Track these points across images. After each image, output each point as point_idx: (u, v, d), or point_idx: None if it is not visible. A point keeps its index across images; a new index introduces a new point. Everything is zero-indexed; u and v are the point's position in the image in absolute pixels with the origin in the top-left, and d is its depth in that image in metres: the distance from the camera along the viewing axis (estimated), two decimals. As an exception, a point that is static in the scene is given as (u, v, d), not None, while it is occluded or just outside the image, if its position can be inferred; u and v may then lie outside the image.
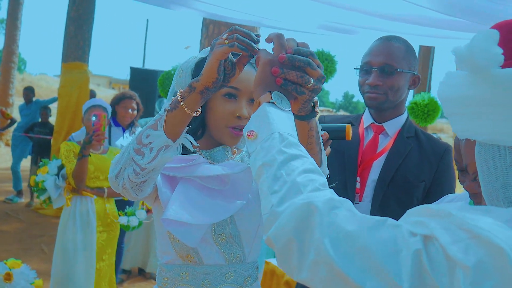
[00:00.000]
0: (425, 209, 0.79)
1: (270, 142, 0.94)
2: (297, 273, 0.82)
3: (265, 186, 0.90)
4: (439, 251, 0.71)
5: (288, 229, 0.81)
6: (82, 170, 3.41)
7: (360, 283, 0.74)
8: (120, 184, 1.24)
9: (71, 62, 7.93)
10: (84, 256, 3.46)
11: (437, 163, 1.94)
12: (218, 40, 1.14)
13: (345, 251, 0.76)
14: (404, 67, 1.91)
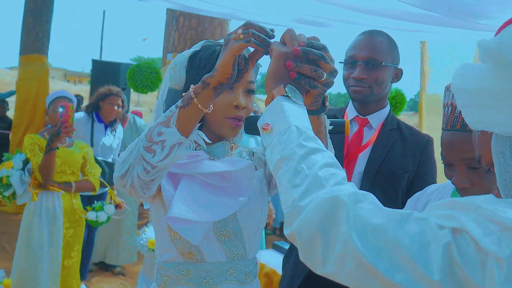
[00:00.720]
0: (452, 202, 0.80)
1: (288, 136, 0.94)
2: (321, 267, 0.83)
3: (284, 180, 0.90)
4: (469, 243, 0.72)
5: (313, 223, 0.82)
6: (49, 163, 3.29)
7: (389, 276, 0.74)
8: (129, 183, 1.21)
9: (30, 54, 7.67)
10: (49, 253, 3.36)
11: (420, 155, 1.99)
12: (233, 35, 1.11)
13: (373, 245, 0.76)
14: (388, 61, 1.95)
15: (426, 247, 0.74)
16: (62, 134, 3.22)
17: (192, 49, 1.44)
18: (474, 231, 0.72)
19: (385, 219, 0.78)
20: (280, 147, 0.93)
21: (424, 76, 5.30)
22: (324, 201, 0.82)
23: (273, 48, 1.07)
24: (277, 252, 3.37)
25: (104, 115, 4.44)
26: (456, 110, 1.24)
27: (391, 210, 0.81)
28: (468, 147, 1.20)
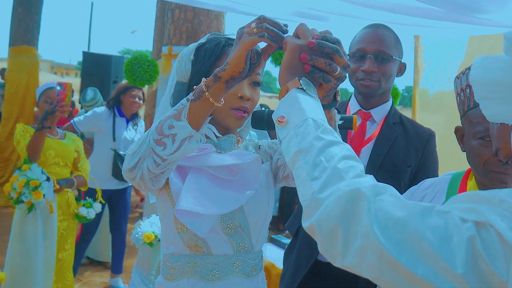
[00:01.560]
0: (474, 195, 0.80)
1: (305, 128, 0.93)
2: (341, 259, 0.82)
3: (303, 173, 0.90)
4: (493, 237, 0.72)
5: (334, 215, 0.81)
6: (39, 141, 3.19)
7: (412, 269, 0.74)
8: (138, 175, 1.21)
9: (20, 45, 7.58)
10: (44, 246, 3.32)
11: (422, 148, 1.99)
12: (246, 28, 1.10)
13: (395, 238, 0.76)
14: (396, 54, 1.96)
15: (449, 240, 0.74)
16: (57, 113, 3.11)
17: (198, 42, 1.44)
18: (499, 225, 0.72)
19: (407, 212, 0.78)
20: (297, 140, 0.93)
21: (417, 70, 5.31)
22: (345, 194, 0.81)
23: (287, 41, 1.07)
24: (275, 245, 3.38)
25: (126, 109, 4.41)
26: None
27: (413, 202, 0.81)
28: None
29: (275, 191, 1.51)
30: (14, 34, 7.62)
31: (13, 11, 7.70)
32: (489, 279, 0.71)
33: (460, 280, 0.71)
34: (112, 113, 4.42)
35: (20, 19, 7.60)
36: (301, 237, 2.04)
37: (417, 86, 5.43)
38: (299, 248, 2.03)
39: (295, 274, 2.00)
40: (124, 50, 46.93)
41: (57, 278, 3.41)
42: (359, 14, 2.93)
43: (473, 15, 2.69)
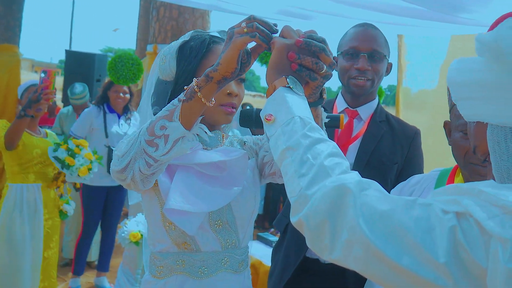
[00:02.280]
0: (455, 188, 0.83)
1: (292, 126, 0.96)
2: (328, 253, 0.85)
3: (290, 170, 0.92)
4: (473, 226, 0.75)
5: (321, 210, 0.84)
6: (18, 128, 3.14)
7: (397, 260, 0.77)
8: (129, 176, 1.20)
9: (0, 44, 7.46)
10: (31, 245, 3.33)
11: (408, 146, 2.02)
12: (236, 28, 1.11)
13: (380, 230, 0.79)
14: (387, 54, 1.98)
15: (431, 231, 0.77)
16: (41, 101, 3.06)
17: (181, 39, 1.43)
18: (478, 215, 0.75)
19: (391, 205, 0.81)
20: (284, 138, 0.96)
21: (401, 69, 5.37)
22: (331, 190, 0.84)
23: (275, 40, 1.09)
24: (262, 243, 3.40)
25: (113, 104, 4.41)
26: None
27: (396, 196, 0.84)
28: None
29: (260, 187, 1.53)
30: (-5, 32, 7.50)
31: (-6, 9, 7.58)
32: (470, 267, 0.74)
33: (443, 269, 0.74)
34: (102, 110, 4.41)
35: (1, 17, 7.49)
36: (289, 234, 2.05)
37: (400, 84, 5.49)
38: (287, 245, 2.05)
39: (284, 271, 2.02)
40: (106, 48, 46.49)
41: (43, 277, 3.41)
42: (344, 13, 2.96)
43: (457, 15, 2.73)
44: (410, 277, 0.77)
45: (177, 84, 1.39)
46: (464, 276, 0.74)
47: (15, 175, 3.36)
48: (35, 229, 3.34)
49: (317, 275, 1.99)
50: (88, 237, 4.46)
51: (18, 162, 3.33)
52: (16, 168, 3.34)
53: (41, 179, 3.42)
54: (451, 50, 4.81)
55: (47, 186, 3.43)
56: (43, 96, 3.04)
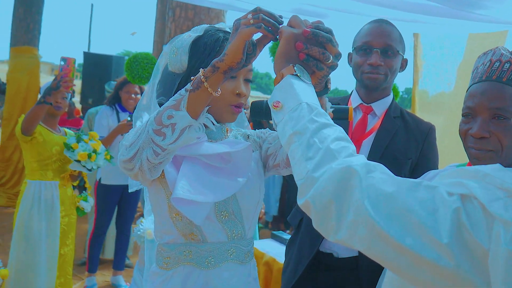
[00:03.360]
0: (460, 171, 0.84)
1: (299, 112, 0.98)
2: (334, 233, 0.86)
3: (297, 154, 0.94)
4: (477, 208, 0.76)
5: (328, 191, 0.85)
6: (37, 114, 3.16)
7: (400, 240, 0.78)
8: (137, 165, 1.23)
9: (20, 46, 7.60)
10: (47, 243, 3.37)
11: (422, 142, 2.02)
12: (242, 20, 1.13)
13: (385, 211, 0.80)
14: (401, 50, 1.99)
15: (435, 212, 0.77)
16: (61, 89, 3.07)
17: (194, 34, 1.44)
18: (482, 197, 0.76)
19: (396, 187, 0.82)
20: (292, 123, 0.97)
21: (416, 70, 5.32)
22: (338, 171, 0.85)
23: (282, 30, 1.11)
24: (276, 241, 3.41)
25: (124, 104, 4.47)
26: (494, 65, 1.26)
27: (402, 178, 0.85)
28: (498, 96, 1.22)
29: (274, 189, 1.55)
30: (15, 34, 7.66)
31: (14, 12, 7.73)
32: (472, 248, 0.75)
33: (445, 249, 0.75)
34: (115, 110, 4.47)
35: (21, 19, 7.63)
36: (303, 229, 2.06)
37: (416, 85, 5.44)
38: (301, 240, 2.05)
39: (297, 266, 2.02)
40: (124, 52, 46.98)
41: (59, 274, 3.45)
42: (358, 10, 2.96)
43: (472, 11, 2.71)
44: (412, 257, 0.77)
45: (188, 78, 1.41)
46: (466, 257, 0.75)
47: (34, 172, 3.41)
48: (51, 226, 3.39)
49: (331, 269, 1.99)
50: (100, 234, 4.51)
51: (37, 159, 3.38)
52: (35, 164, 3.38)
53: (59, 177, 3.47)
54: (469, 49, 4.74)
55: (63, 184, 3.47)
56: (63, 84, 3.04)
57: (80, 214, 3.62)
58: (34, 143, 3.35)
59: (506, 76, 1.24)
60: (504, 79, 1.23)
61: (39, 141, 3.35)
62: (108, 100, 4.58)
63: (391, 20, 2.13)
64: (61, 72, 3.04)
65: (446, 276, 0.75)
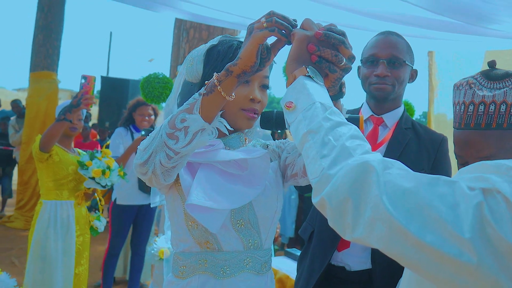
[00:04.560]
0: (482, 165, 0.81)
1: (313, 111, 0.96)
2: (350, 232, 0.84)
3: (312, 152, 0.92)
4: (500, 202, 0.73)
5: (344, 188, 0.83)
6: (57, 130, 3.16)
7: (420, 237, 0.75)
8: (150, 169, 1.23)
9: (40, 71, 7.76)
10: (63, 262, 3.36)
11: (435, 153, 1.99)
12: (256, 24, 1.13)
13: (404, 207, 0.78)
14: (408, 60, 1.98)
15: (456, 207, 0.75)
16: (81, 106, 3.07)
17: (209, 43, 1.46)
18: (506, 190, 0.74)
19: (415, 182, 0.80)
20: (306, 122, 0.96)
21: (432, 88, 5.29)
22: (355, 167, 0.84)
23: (295, 32, 1.10)
24: (290, 259, 3.38)
25: (138, 126, 4.54)
26: (469, 109, 1.22)
27: (420, 174, 0.83)
28: (483, 145, 1.20)
29: (290, 211, 1.53)
30: (35, 60, 7.82)
31: (34, 38, 7.92)
32: (496, 244, 0.72)
33: (468, 245, 0.72)
34: (129, 130, 4.52)
35: (40, 45, 7.80)
36: (314, 242, 2.04)
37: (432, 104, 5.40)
38: (313, 253, 2.03)
39: (309, 279, 1.99)
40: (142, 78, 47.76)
41: (74, 293, 3.43)
42: (372, 26, 2.96)
43: (486, 26, 2.69)
44: (433, 254, 0.75)
45: (203, 86, 1.42)
46: (489, 253, 0.72)
47: (50, 192, 3.43)
48: (67, 245, 3.39)
49: (343, 282, 1.96)
50: (114, 254, 4.51)
51: (53, 178, 3.40)
52: (51, 184, 3.41)
53: (74, 196, 3.49)
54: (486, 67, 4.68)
55: (77, 203, 3.49)
56: (83, 101, 3.06)
57: (93, 234, 3.62)
58: (50, 162, 3.38)
59: (483, 121, 1.21)
60: (482, 125, 1.21)
61: (55, 160, 3.38)
62: (122, 121, 4.65)
63: (405, 37, 2.13)
64: (82, 90, 3.06)
65: (468, 273, 0.73)
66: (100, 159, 3.47)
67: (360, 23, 2.95)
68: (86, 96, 3.06)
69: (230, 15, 3.43)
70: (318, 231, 2.03)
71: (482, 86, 1.21)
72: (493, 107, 1.19)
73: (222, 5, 3.21)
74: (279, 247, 7.12)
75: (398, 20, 2.75)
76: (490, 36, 3.00)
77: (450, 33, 3.03)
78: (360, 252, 1.94)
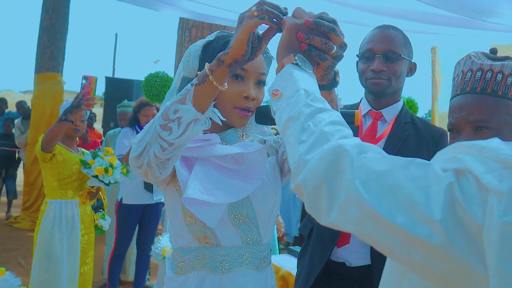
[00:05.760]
0: (457, 146, 0.81)
1: (296, 98, 0.96)
2: (325, 216, 0.83)
3: (292, 138, 0.92)
4: (472, 182, 0.73)
5: (319, 173, 0.83)
6: (58, 130, 3.18)
7: (390, 219, 0.75)
8: (145, 162, 1.22)
9: (45, 72, 7.79)
10: (68, 261, 3.39)
11: (434, 147, 1.99)
12: (247, 13, 1.13)
13: (375, 190, 0.77)
14: (405, 54, 1.98)
15: (428, 189, 0.74)
16: (83, 107, 3.08)
17: (206, 38, 1.45)
18: (477, 169, 0.72)
19: (389, 165, 0.80)
20: (288, 109, 0.96)
21: (435, 85, 5.27)
22: (329, 152, 0.83)
23: (285, 20, 1.10)
24: (292, 256, 3.38)
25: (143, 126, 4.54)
26: (466, 75, 1.25)
27: (395, 157, 0.83)
28: (476, 108, 1.22)
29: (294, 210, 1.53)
30: (40, 61, 7.85)
31: (39, 39, 7.95)
32: (466, 224, 0.71)
33: (438, 226, 0.71)
34: (135, 130, 4.56)
35: (45, 46, 7.83)
36: (314, 238, 2.04)
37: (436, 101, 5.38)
38: (312, 248, 2.03)
39: (309, 275, 1.99)
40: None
41: (79, 292, 3.44)
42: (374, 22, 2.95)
43: (485, 19, 2.68)
44: (404, 236, 0.74)
45: None
46: (460, 235, 0.71)
47: (54, 191, 3.45)
48: (72, 244, 3.41)
49: (343, 278, 1.96)
50: (120, 254, 4.52)
51: (57, 178, 3.42)
52: (55, 183, 3.43)
53: (78, 195, 3.51)
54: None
55: (82, 202, 3.51)
56: (84, 102, 3.06)
57: (98, 233, 3.64)
58: (54, 162, 3.39)
59: (479, 85, 1.23)
60: (478, 89, 1.22)
61: (59, 160, 3.40)
62: (128, 122, 4.69)
63: (407, 33, 2.12)
64: (83, 90, 3.06)
65: (438, 255, 0.72)
66: (102, 157, 3.49)
67: (362, 19, 2.94)
68: (87, 97, 3.06)
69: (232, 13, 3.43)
70: (318, 227, 2.03)
71: (482, 58, 1.25)
72: (490, 74, 1.21)
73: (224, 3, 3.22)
74: (284, 246, 7.11)
75: (400, 15, 2.74)
76: (491, 30, 2.98)
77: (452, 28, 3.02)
78: (360, 247, 1.94)
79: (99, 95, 14.54)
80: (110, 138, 5.34)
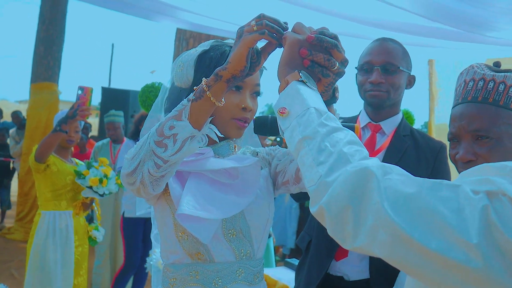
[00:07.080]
0: (485, 167, 0.79)
1: (308, 117, 0.94)
2: (351, 241, 0.81)
3: (308, 159, 0.90)
4: (507, 205, 0.71)
5: (343, 196, 0.81)
6: (52, 141, 3.16)
7: (425, 243, 0.73)
8: (139, 179, 1.18)
9: (41, 82, 7.77)
10: (62, 273, 3.35)
11: (433, 160, 1.97)
12: (246, 27, 1.10)
13: (406, 213, 0.75)
14: (403, 66, 1.97)
15: (461, 211, 0.73)
16: (77, 118, 3.06)
17: (200, 48, 1.42)
18: (511, 192, 0.71)
19: (417, 187, 0.78)
20: (300, 128, 0.94)
21: (432, 97, 5.28)
22: (354, 173, 0.81)
23: (287, 36, 1.07)
24: (289, 269, 3.35)
25: None
26: (468, 85, 1.25)
27: (421, 178, 0.80)
28: (476, 117, 1.22)
29: (291, 222, 1.50)
30: (36, 71, 7.83)
31: (35, 50, 7.94)
32: (504, 248, 0.70)
33: (475, 250, 0.70)
34: None
35: (41, 57, 7.82)
36: (312, 251, 2.02)
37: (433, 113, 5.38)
38: (310, 262, 2.00)
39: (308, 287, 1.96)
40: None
41: (73, 304, 3.40)
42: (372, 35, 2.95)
43: (483, 33, 2.68)
44: (439, 261, 0.72)
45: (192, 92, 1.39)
46: (497, 257, 0.69)
47: (48, 202, 3.41)
48: (66, 256, 3.38)
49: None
50: (130, 270, 4.44)
51: (51, 189, 3.39)
52: (49, 195, 3.40)
53: (72, 206, 3.48)
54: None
55: (75, 213, 3.47)
56: (79, 113, 3.05)
57: (92, 244, 3.61)
58: (48, 173, 3.37)
59: (481, 95, 1.22)
60: (479, 98, 1.22)
61: (53, 171, 3.37)
62: (130, 134, 4.68)
63: (405, 45, 2.12)
64: (78, 101, 3.04)
65: (475, 280, 0.70)
66: (97, 168, 3.46)
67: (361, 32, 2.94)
68: (83, 108, 3.04)
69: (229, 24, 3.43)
70: (316, 241, 2.01)
71: (485, 69, 1.25)
72: (492, 84, 1.21)
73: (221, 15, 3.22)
74: (280, 258, 7.07)
75: (398, 28, 2.74)
76: (490, 44, 2.99)
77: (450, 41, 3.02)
78: (358, 261, 1.91)
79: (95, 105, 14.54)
80: (98, 150, 5.32)
